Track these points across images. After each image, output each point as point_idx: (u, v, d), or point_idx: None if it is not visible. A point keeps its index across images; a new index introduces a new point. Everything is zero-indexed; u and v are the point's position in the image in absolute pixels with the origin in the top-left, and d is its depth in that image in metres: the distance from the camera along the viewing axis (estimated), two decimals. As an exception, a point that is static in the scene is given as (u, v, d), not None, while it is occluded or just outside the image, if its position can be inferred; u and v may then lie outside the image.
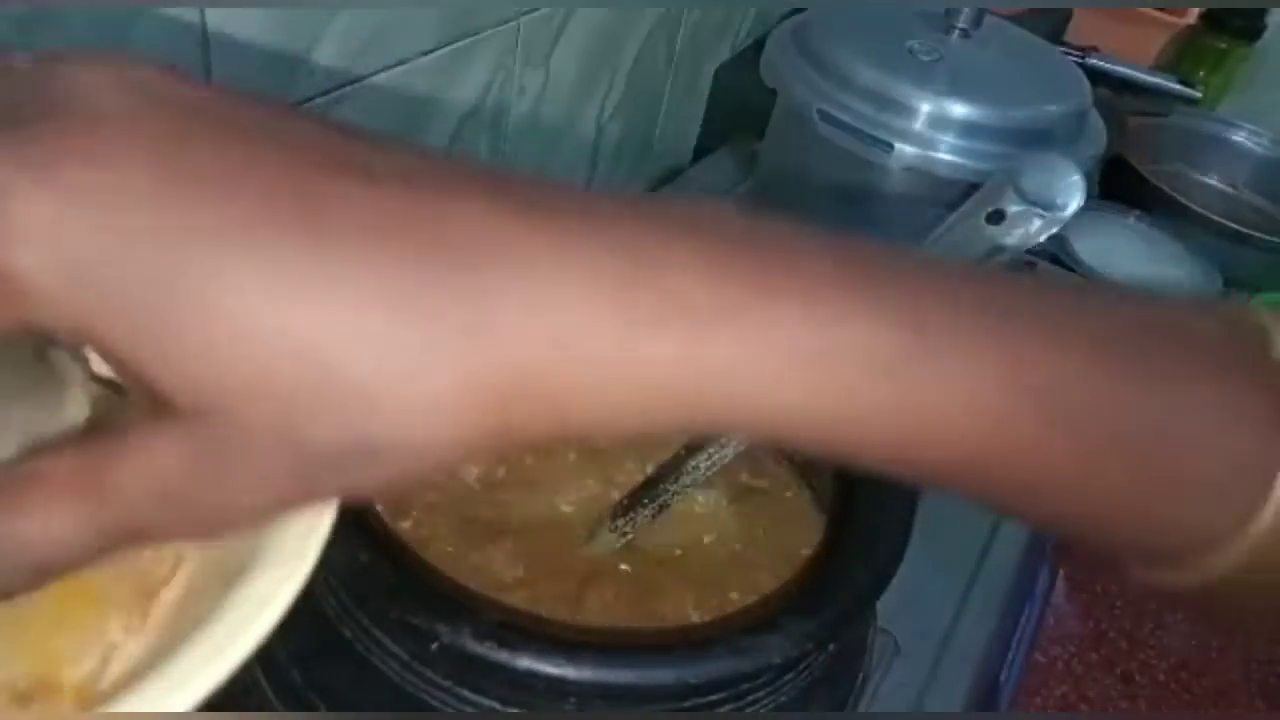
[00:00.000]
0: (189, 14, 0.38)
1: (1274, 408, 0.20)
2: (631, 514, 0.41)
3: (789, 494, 0.46)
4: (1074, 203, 0.34)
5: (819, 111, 0.59)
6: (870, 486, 0.38)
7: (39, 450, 0.19)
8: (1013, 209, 0.34)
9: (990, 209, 0.35)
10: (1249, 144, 1.18)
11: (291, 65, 0.43)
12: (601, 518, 0.42)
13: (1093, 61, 1.13)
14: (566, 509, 0.43)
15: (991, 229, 0.35)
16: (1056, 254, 0.91)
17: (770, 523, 0.45)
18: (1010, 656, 0.60)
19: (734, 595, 0.41)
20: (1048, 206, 0.34)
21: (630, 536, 0.41)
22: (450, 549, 0.39)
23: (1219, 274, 0.96)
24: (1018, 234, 0.34)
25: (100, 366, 0.21)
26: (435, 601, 0.30)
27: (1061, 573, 0.77)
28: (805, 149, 0.63)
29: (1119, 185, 1.04)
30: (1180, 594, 0.22)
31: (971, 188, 0.59)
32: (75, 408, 0.21)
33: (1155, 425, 0.20)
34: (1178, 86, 1.17)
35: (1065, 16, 1.23)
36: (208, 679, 0.17)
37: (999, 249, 0.34)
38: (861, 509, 0.38)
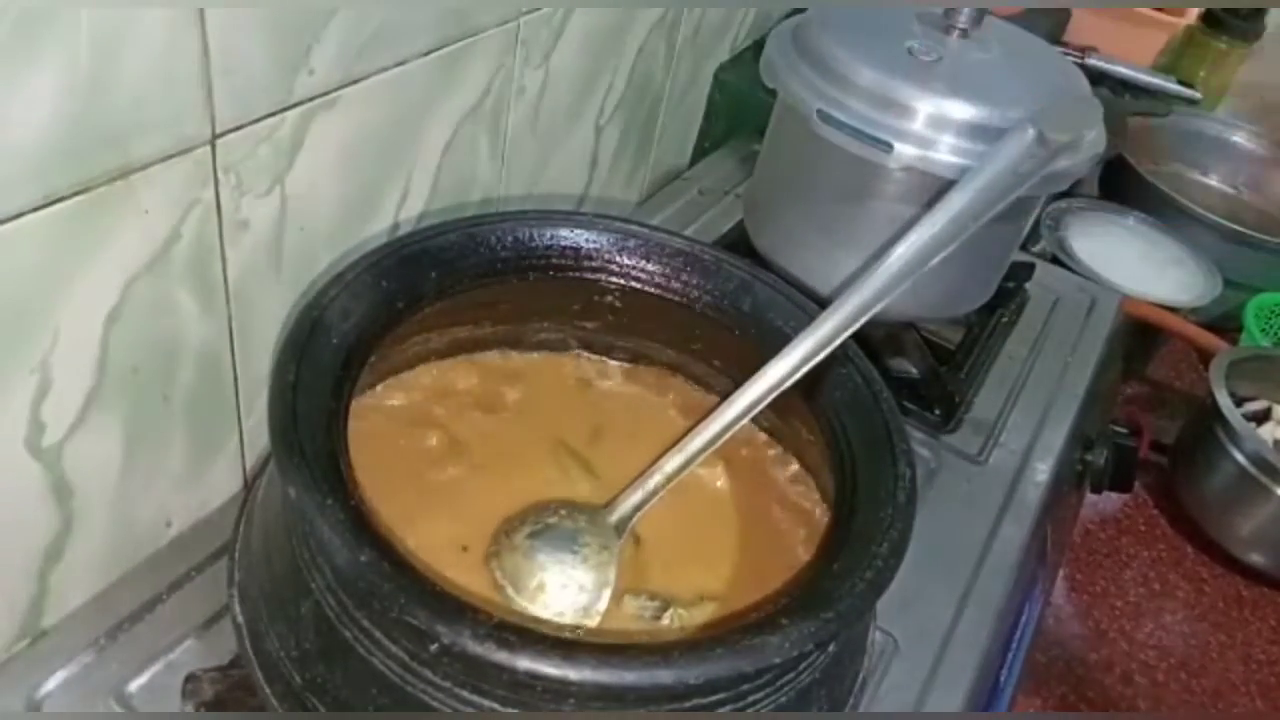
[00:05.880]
0: (189, 14, 0.38)
1: None
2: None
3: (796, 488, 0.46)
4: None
5: (818, 111, 0.59)
6: (870, 486, 0.38)
7: None
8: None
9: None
10: (1249, 144, 1.18)
11: (292, 65, 0.43)
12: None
13: (1092, 61, 1.13)
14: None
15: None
16: (1056, 254, 0.91)
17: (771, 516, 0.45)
18: (1010, 656, 0.60)
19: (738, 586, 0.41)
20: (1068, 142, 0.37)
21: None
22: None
23: (1219, 274, 0.96)
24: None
25: None
26: (435, 602, 0.30)
27: (1061, 573, 0.77)
28: (805, 149, 0.63)
29: (1119, 185, 1.04)
30: None
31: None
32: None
33: None
34: (1177, 87, 1.17)
35: (1065, 17, 1.23)
36: None
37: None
38: (862, 508, 0.38)
